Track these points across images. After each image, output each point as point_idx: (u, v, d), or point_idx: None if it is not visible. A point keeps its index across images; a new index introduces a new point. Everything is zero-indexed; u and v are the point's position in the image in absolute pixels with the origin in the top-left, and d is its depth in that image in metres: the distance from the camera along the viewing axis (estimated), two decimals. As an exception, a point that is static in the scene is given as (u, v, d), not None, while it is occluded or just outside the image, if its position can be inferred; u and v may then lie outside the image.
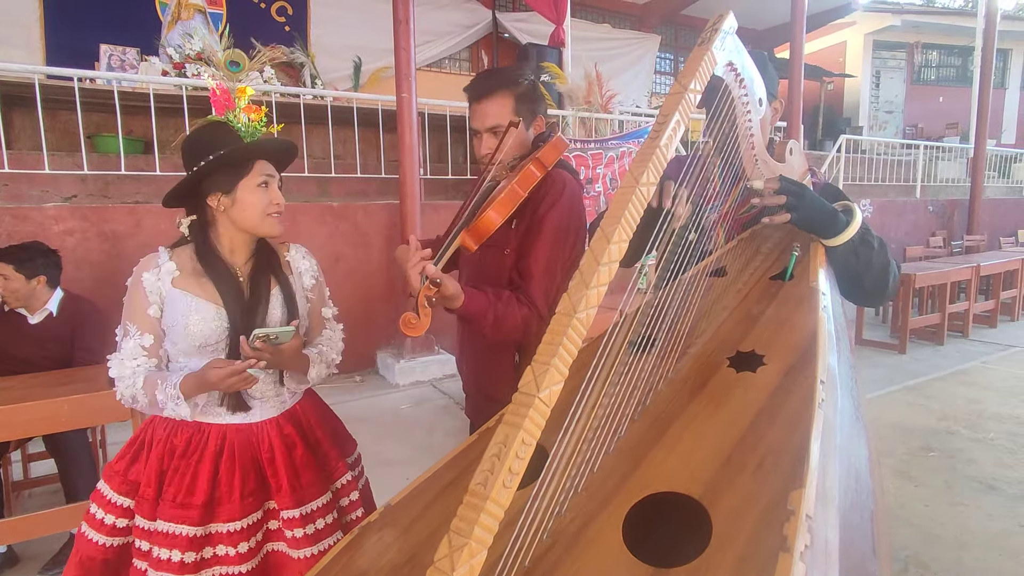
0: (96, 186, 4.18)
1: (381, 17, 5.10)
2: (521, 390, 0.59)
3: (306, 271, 1.44)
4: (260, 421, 1.34)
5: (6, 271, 2.36)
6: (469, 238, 1.23)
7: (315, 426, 1.43)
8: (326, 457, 1.42)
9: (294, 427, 1.38)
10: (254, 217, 1.29)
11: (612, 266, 0.65)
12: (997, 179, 10.32)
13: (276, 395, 1.37)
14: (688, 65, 0.82)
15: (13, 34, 5.34)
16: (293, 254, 1.45)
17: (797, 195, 1.07)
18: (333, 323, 1.50)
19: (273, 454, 1.32)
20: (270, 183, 1.31)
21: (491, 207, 1.23)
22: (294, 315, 1.34)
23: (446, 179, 5.53)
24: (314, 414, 1.45)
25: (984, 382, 4.40)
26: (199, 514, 1.23)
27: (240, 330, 1.25)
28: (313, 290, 1.45)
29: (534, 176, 1.32)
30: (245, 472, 1.28)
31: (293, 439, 1.36)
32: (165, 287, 1.27)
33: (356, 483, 1.47)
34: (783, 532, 0.55)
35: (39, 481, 2.72)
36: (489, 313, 1.26)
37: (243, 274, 1.33)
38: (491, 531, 0.55)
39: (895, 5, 12.04)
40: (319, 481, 1.36)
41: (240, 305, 1.28)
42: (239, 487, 1.26)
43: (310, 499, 1.32)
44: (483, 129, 1.43)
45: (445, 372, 4.55)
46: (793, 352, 0.81)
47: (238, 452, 1.29)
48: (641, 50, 9.08)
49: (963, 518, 2.54)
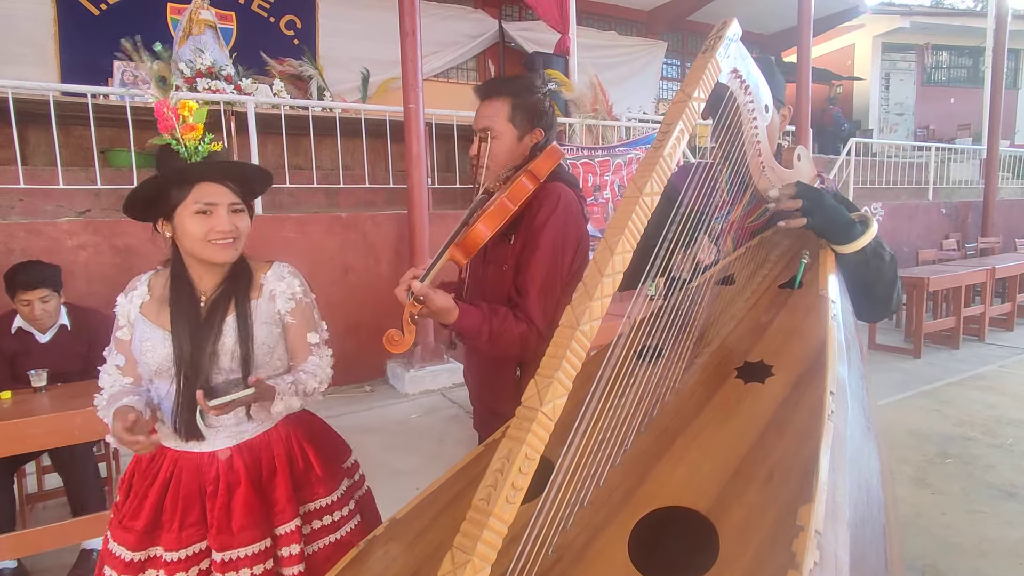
0: (109, 200, 4.24)
1: (388, 29, 5.15)
2: (524, 404, 0.59)
3: (281, 293, 1.33)
4: (212, 451, 1.27)
5: (44, 294, 2.43)
6: (458, 252, 1.22)
7: (280, 459, 1.31)
8: (274, 500, 1.28)
9: (246, 462, 1.28)
10: (195, 245, 1.23)
11: (616, 277, 0.65)
12: (1011, 180, 10.20)
13: (235, 424, 1.29)
14: (692, 73, 0.82)
15: (28, 53, 5.45)
16: (269, 275, 1.35)
17: (814, 200, 1.07)
18: (321, 348, 1.39)
19: (217, 487, 1.25)
20: (213, 209, 1.23)
21: (480, 220, 1.22)
22: (247, 342, 1.26)
23: (454, 188, 5.55)
24: (285, 443, 1.34)
25: (1001, 387, 4.32)
26: (136, 539, 1.22)
27: (186, 358, 1.22)
28: (292, 313, 1.34)
29: (526, 188, 1.29)
30: (188, 502, 1.24)
31: (239, 476, 1.26)
32: (134, 312, 1.30)
33: (298, 534, 1.29)
34: (792, 548, 0.54)
35: (53, 494, 2.73)
36: (484, 328, 1.24)
37: (208, 299, 1.29)
38: (495, 547, 0.54)
39: (904, 7, 11.98)
40: (251, 527, 1.23)
41: (187, 332, 1.23)
42: (180, 517, 1.23)
43: (236, 545, 1.22)
44: (476, 129, 1.43)
45: (455, 381, 4.55)
46: (802, 362, 0.80)
47: (184, 481, 1.26)
48: (647, 57, 9.10)
49: (981, 526, 2.49)
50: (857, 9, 9.91)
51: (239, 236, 1.27)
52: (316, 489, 1.35)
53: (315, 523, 1.34)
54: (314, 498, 1.35)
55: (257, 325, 1.30)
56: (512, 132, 1.41)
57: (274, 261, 1.39)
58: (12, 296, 2.43)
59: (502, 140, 1.41)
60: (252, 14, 6.47)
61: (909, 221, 8.14)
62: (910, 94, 12.74)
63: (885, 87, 12.60)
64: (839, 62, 12.28)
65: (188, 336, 1.23)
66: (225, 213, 1.24)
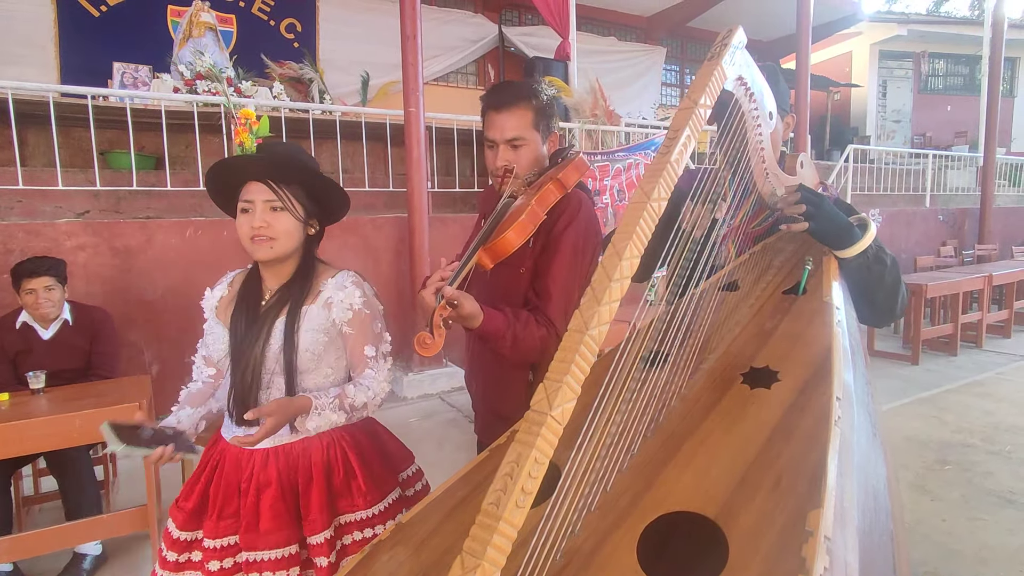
0: (108, 202, 4.23)
1: (389, 32, 5.16)
2: (533, 408, 0.59)
3: (339, 302, 1.30)
4: (251, 449, 1.27)
5: (49, 283, 2.46)
6: (486, 257, 1.22)
7: (316, 467, 1.28)
8: (308, 509, 1.26)
9: (279, 466, 1.27)
10: (244, 244, 1.26)
11: (624, 282, 0.65)
12: (1007, 188, 10.24)
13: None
14: (698, 80, 0.82)
15: (28, 53, 5.44)
16: (331, 282, 1.32)
17: (816, 205, 1.08)
18: (378, 362, 1.34)
19: (249, 485, 1.25)
20: (251, 208, 1.25)
21: (511, 228, 1.21)
22: (290, 347, 1.26)
23: (453, 192, 5.55)
24: (325, 451, 1.31)
25: (999, 393, 4.33)
26: (184, 518, 1.27)
27: (237, 355, 1.26)
28: (350, 323, 1.31)
29: (553, 196, 1.31)
30: (228, 494, 1.26)
31: (270, 479, 1.25)
32: (211, 306, 1.37)
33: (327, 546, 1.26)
34: (801, 554, 0.54)
35: (50, 496, 2.72)
36: (508, 333, 1.24)
37: (267, 302, 1.32)
38: (504, 552, 0.54)
39: (901, 15, 12.07)
40: (277, 530, 1.23)
41: (242, 330, 1.27)
42: (220, 507, 1.25)
43: (261, 547, 1.22)
44: (501, 141, 1.41)
45: (454, 385, 4.54)
46: (808, 368, 0.80)
47: (227, 472, 1.27)
48: (647, 62, 9.13)
49: (982, 533, 2.49)
50: (855, 17, 9.97)
51: (276, 236, 1.25)
52: (356, 500, 1.31)
53: (346, 538, 1.30)
54: (353, 509, 1.30)
55: (304, 331, 1.28)
56: (538, 138, 1.43)
57: (344, 269, 1.37)
58: (18, 288, 2.45)
59: (531, 147, 1.41)
60: (252, 17, 6.47)
61: (907, 227, 8.17)
62: (907, 101, 12.82)
63: (882, 94, 12.67)
64: (837, 69, 12.35)
65: (241, 335, 1.27)
66: (260, 210, 1.25)
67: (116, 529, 2.16)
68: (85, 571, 2.24)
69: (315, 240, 1.37)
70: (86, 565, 2.25)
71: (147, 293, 3.90)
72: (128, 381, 2.50)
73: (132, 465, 3.03)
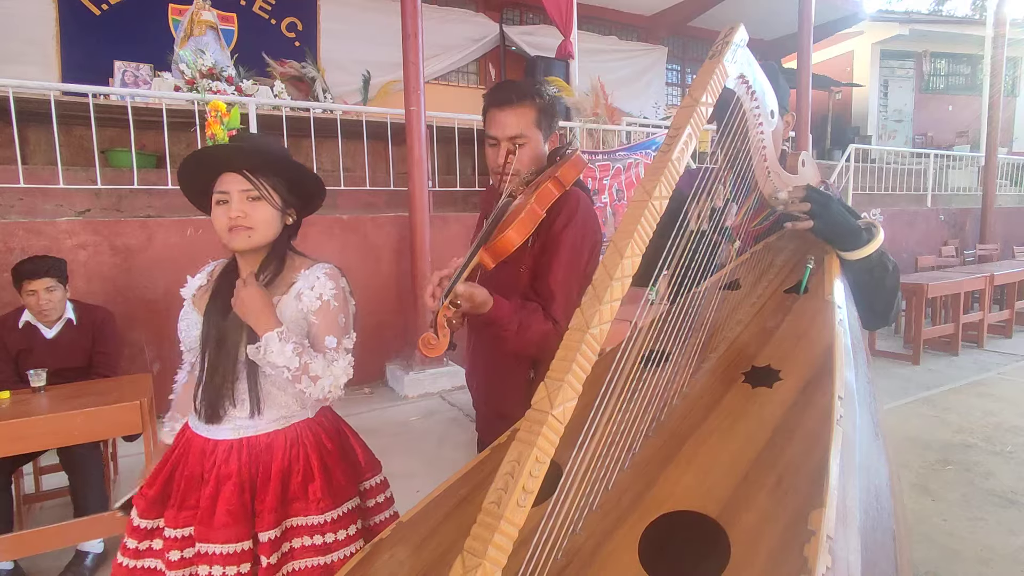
0: (109, 200, 4.24)
1: (390, 31, 5.15)
2: (534, 407, 0.58)
3: (309, 291, 1.29)
4: (215, 440, 1.26)
5: (49, 283, 2.46)
6: (488, 256, 1.23)
7: (275, 465, 1.26)
8: (262, 507, 1.23)
9: (241, 460, 1.24)
10: (221, 236, 1.27)
11: (625, 281, 0.65)
12: (1009, 187, 10.23)
13: (247, 416, 1.26)
14: (699, 78, 0.82)
15: (30, 51, 5.44)
16: (305, 273, 1.32)
17: (822, 204, 1.08)
18: (337, 353, 1.29)
19: (211, 478, 1.23)
20: (228, 198, 1.25)
21: (511, 227, 1.21)
22: (254, 338, 1.22)
23: (454, 191, 5.55)
24: (287, 451, 1.28)
25: (1000, 393, 4.33)
26: (146, 505, 1.26)
27: (210, 343, 1.26)
28: (316, 313, 1.29)
29: (552, 195, 1.31)
30: (190, 485, 1.24)
31: (231, 472, 1.23)
32: (188, 292, 1.38)
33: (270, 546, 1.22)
34: (803, 553, 0.54)
35: (51, 494, 2.72)
36: (514, 319, 1.27)
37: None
38: (505, 551, 0.54)
39: (902, 14, 12.04)
40: (231, 526, 1.20)
41: (213, 319, 1.27)
42: (181, 496, 1.24)
43: (213, 540, 1.19)
44: (504, 138, 1.41)
45: (454, 384, 4.54)
46: (810, 367, 0.80)
47: (190, 463, 1.27)
48: (648, 61, 9.11)
49: (983, 533, 2.49)
50: (856, 16, 9.95)
51: (254, 225, 1.25)
52: (309, 506, 1.27)
53: (296, 542, 1.26)
54: (305, 514, 1.26)
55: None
56: (539, 137, 1.43)
57: (321, 262, 1.36)
58: (19, 288, 2.46)
59: (532, 146, 1.42)
60: (253, 15, 6.47)
61: (908, 227, 8.16)
62: (908, 101, 12.80)
63: (884, 94, 12.65)
64: (838, 69, 12.33)
65: (212, 324, 1.27)
66: (237, 200, 1.25)
67: (118, 527, 2.15)
68: (87, 569, 2.24)
69: (292, 230, 1.39)
70: (88, 563, 2.25)
71: (148, 292, 3.90)
72: (129, 379, 2.50)
73: (134, 463, 3.03)
